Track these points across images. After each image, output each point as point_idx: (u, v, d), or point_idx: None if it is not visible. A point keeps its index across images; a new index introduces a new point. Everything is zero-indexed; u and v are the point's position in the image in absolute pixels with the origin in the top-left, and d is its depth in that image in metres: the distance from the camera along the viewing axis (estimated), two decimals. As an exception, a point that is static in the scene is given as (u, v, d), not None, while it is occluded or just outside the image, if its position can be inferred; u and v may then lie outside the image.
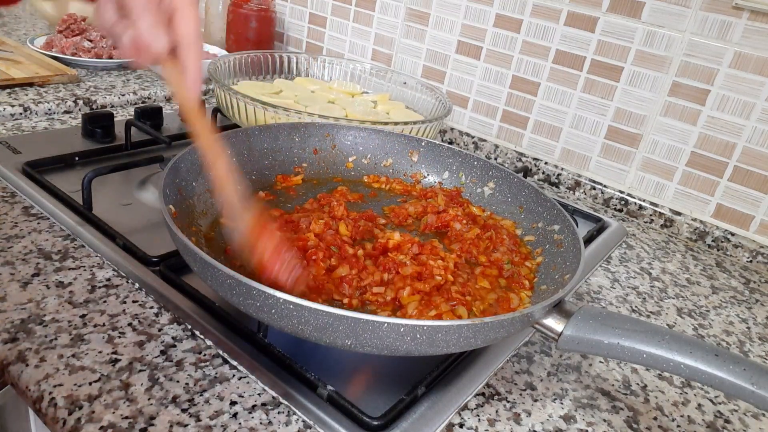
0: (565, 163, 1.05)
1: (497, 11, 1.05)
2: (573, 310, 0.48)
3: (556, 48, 1.01)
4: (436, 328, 0.41)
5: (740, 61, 0.85)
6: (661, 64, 0.91)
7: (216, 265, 0.43)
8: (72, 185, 0.72)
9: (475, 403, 0.51)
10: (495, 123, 1.11)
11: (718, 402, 0.57)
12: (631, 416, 0.53)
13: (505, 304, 0.56)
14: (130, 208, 0.72)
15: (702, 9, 0.86)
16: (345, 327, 0.41)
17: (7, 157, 0.77)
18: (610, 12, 0.94)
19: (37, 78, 1.03)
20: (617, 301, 0.72)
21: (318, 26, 1.34)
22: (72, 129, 0.90)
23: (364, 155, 0.79)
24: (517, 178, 0.72)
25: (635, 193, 0.99)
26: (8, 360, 0.47)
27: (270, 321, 0.43)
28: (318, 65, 1.15)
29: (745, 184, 0.88)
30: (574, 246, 0.58)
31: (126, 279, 0.59)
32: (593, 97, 0.99)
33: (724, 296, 0.78)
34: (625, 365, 0.60)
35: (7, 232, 0.63)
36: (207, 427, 0.44)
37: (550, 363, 0.58)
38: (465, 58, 1.12)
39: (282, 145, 0.74)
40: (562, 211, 0.64)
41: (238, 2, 1.30)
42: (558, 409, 0.52)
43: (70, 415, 0.43)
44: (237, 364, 0.50)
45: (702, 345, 0.44)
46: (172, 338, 0.52)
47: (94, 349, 0.49)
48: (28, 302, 0.53)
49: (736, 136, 0.88)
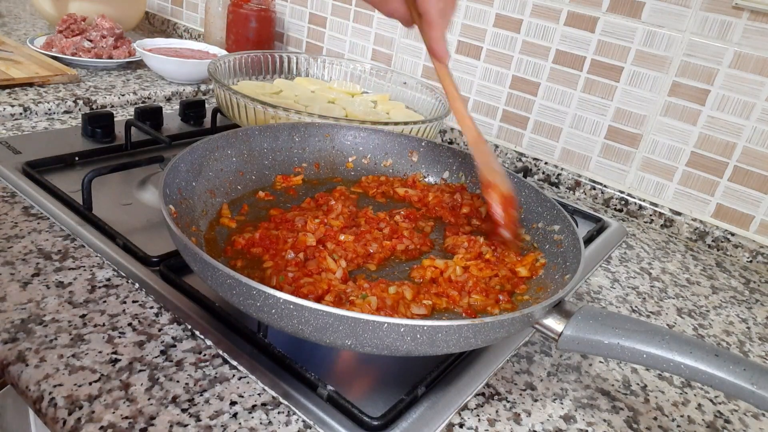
0: (565, 163, 1.05)
1: (497, 11, 1.05)
2: (573, 310, 0.48)
3: (556, 48, 1.01)
4: (436, 328, 0.41)
5: (740, 61, 0.85)
6: (661, 64, 0.91)
7: (216, 265, 0.43)
8: (72, 185, 0.72)
9: (475, 403, 0.51)
10: (495, 123, 1.11)
11: (718, 402, 0.57)
12: (631, 416, 0.53)
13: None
14: (130, 208, 0.72)
15: (702, 9, 0.86)
16: (345, 327, 0.41)
17: (7, 157, 0.77)
18: (610, 12, 0.94)
19: (37, 78, 1.03)
20: (617, 301, 0.72)
21: (318, 26, 1.34)
22: (72, 129, 0.90)
23: (364, 155, 0.79)
24: (517, 178, 0.72)
25: (635, 193, 0.99)
26: (8, 360, 0.47)
27: (270, 321, 0.43)
28: (318, 65, 1.15)
29: (745, 184, 0.88)
30: (574, 246, 0.58)
31: (126, 279, 0.59)
32: (593, 97, 0.99)
33: (724, 296, 0.78)
34: (625, 365, 0.60)
35: (7, 232, 0.63)
36: (207, 427, 0.44)
37: (550, 363, 0.58)
38: (465, 58, 1.12)
39: (282, 145, 0.74)
40: (562, 211, 0.64)
41: (238, 2, 1.30)
42: (558, 409, 0.52)
43: (70, 415, 0.43)
44: (237, 364, 0.50)
45: (702, 345, 0.44)
46: (172, 338, 0.52)
47: (94, 349, 0.49)
48: (28, 302, 0.53)
49: (736, 136, 0.88)
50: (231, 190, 0.67)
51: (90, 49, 1.19)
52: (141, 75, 1.20)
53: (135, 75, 1.19)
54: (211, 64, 0.94)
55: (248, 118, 0.85)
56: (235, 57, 1.03)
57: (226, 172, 0.67)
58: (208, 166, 0.65)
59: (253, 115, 0.84)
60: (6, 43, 1.19)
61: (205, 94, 1.19)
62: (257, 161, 0.72)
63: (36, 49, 1.17)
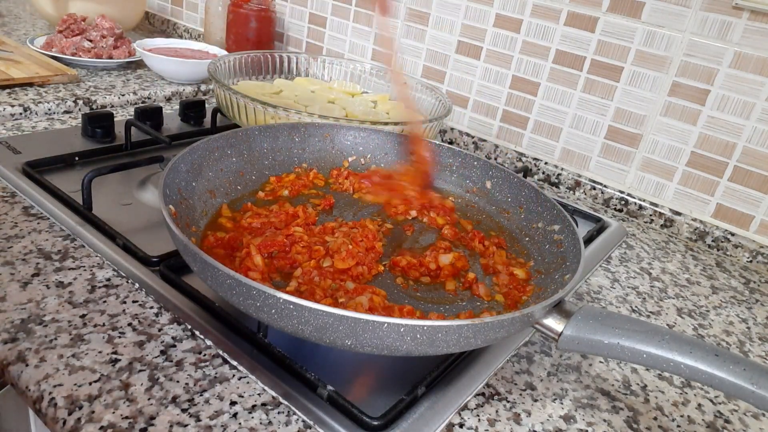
0: (565, 163, 1.05)
1: (497, 11, 1.05)
2: (573, 310, 0.48)
3: (556, 48, 1.01)
4: (436, 328, 0.41)
5: (740, 61, 0.85)
6: (661, 64, 0.91)
7: (216, 265, 0.43)
8: (72, 185, 0.72)
9: (475, 403, 0.51)
10: (495, 123, 1.11)
11: (718, 402, 0.57)
12: (631, 416, 0.53)
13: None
14: (130, 208, 0.72)
15: (702, 9, 0.86)
16: (345, 327, 0.41)
17: (7, 157, 0.77)
18: (610, 12, 0.94)
19: (37, 78, 1.03)
20: (617, 301, 0.72)
21: (318, 26, 1.34)
22: (72, 129, 0.90)
23: (363, 155, 0.79)
24: (517, 178, 0.72)
25: (635, 193, 0.99)
26: (8, 360, 0.47)
27: (270, 321, 0.43)
28: (318, 65, 1.15)
29: (745, 184, 0.88)
30: (574, 246, 0.58)
31: (126, 279, 0.59)
32: (593, 97, 0.99)
33: (724, 296, 0.78)
34: (625, 365, 0.60)
35: (7, 232, 0.63)
36: (207, 427, 0.44)
37: (550, 363, 0.58)
38: (465, 58, 1.12)
39: (282, 145, 0.74)
40: (562, 211, 0.64)
41: (238, 2, 1.30)
42: (558, 409, 0.52)
43: (70, 415, 0.43)
44: (237, 364, 0.50)
45: (702, 345, 0.44)
46: (172, 338, 0.52)
47: (94, 349, 0.49)
48: (28, 302, 0.53)
49: (736, 136, 0.88)
50: (231, 190, 0.67)
51: (90, 49, 1.19)
52: (141, 75, 1.20)
53: (135, 75, 1.19)
54: (211, 64, 0.94)
55: (248, 118, 0.85)
56: (235, 57, 1.03)
57: (226, 173, 0.67)
58: (208, 167, 0.65)
59: (253, 115, 0.84)
60: (6, 43, 1.19)
61: (205, 94, 1.19)
62: (257, 161, 0.72)
63: (36, 49, 1.17)
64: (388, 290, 0.56)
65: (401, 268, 0.60)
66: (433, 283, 0.60)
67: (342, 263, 0.57)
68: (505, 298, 0.58)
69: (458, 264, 0.62)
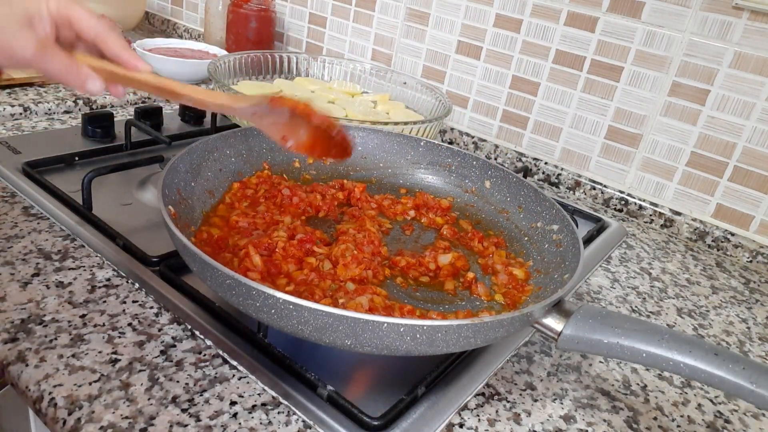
0: (565, 163, 1.05)
1: (497, 11, 1.05)
2: (573, 310, 0.48)
3: (556, 48, 1.01)
4: (436, 328, 0.41)
5: (740, 61, 0.85)
6: (661, 64, 0.91)
7: (216, 266, 0.43)
8: (72, 185, 0.72)
9: (475, 403, 0.51)
10: (495, 123, 1.11)
11: (718, 402, 0.57)
12: (631, 416, 0.53)
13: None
14: (130, 208, 0.72)
15: (702, 9, 0.86)
16: (345, 327, 0.41)
17: (7, 157, 0.77)
18: (610, 12, 0.94)
19: (37, 78, 1.03)
20: (617, 301, 0.72)
21: (318, 26, 1.34)
22: (72, 129, 0.90)
23: (363, 155, 0.79)
24: (516, 178, 0.72)
25: (635, 193, 0.99)
26: (8, 360, 0.47)
27: (270, 321, 0.43)
28: (318, 65, 1.15)
29: (745, 184, 0.88)
30: (573, 246, 0.58)
31: (126, 279, 0.59)
32: (593, 97, 0.99)
33: (724, 296, 0.78)
34: (625, 365, 0.60)
35: (7, 232, 0.63)
36: (207, 427, 0.44)
37: (550, 363, 0.58)
38: (465, 58, 1.12)
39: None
40: (561, 210, 0.64)
41: (238, 2, 1.30)
42: (558, 409, 0.52)
43: (70, 415, 0.43)
44: (237, 364, 0.50)
45: (702, 344, 0.44)
46: (172, 338, 0.52)
47: (94, 349, 0.49)
48: (28, 302, 0.53)
49: (736, 136, 0.88)
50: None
51: (90, 49, 1.19)
52: (141, 75, 1.20)
53: (135, 75, 1.19)
54: (211, 64, 0.94)
55: (248, 118, 0.85)
56: (235, 57, 1.03)
57: (225, 173, 0.67)
58: (207, 167, 0.65)
59: (253, 115, 0.84)
60: (6, 44, 1.19)
61: (205, 94, 1.19)
62: (257, 161, 0.72)
63: (36, 50, 1.17)
64: (388, 290, 0.56)
65: (401, 268, 0.60)
66: (432, 282, 0.60)
67: (345, 271, 0.55)
68: (505, 298, 0.59)
69: (457, 264, 0.62)
